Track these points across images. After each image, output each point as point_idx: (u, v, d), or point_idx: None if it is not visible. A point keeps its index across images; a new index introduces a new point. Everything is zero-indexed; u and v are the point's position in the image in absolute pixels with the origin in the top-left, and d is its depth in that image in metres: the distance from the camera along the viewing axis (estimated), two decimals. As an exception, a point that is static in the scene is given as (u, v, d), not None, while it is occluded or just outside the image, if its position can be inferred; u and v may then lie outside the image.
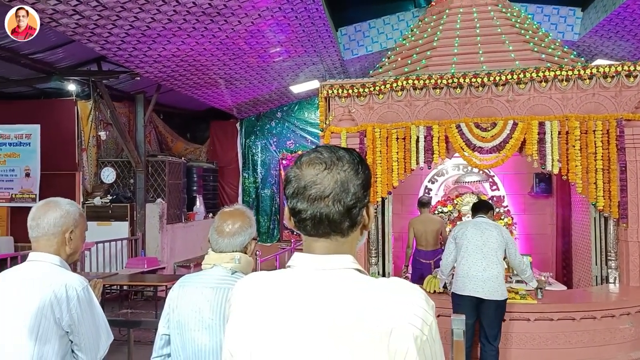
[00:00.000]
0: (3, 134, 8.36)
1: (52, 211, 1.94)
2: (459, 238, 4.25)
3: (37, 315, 1.80)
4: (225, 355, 1.06)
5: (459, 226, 4.40)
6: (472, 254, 4.12)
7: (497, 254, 4.12)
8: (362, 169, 1.04)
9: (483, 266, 4.06)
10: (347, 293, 0.97)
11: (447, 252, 4.35)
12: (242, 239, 1.89)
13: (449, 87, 5.01)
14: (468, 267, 4.10)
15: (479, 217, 4.36)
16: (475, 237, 4.16)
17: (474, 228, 4.23)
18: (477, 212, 4.45)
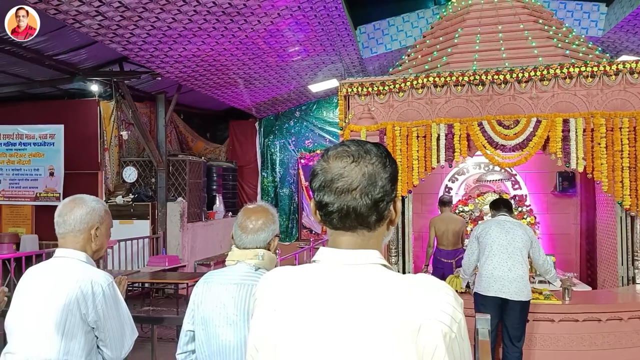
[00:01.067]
0: (28, 134, 8.54)
1: (78, 208, 1.97)
2: (483, 237, 4.18)
3: (63, 310, 1.82)
4: (251, 350, 1.06)
5: (482, 225, 4.33)
6: (497, 254, 4.05)
7: (522, 254, 4.05)
8: (389, 163, 1.03)
9: (508, 266, 3.99)
10: (374, 289, 0.96)
11: (469, 252, 4.29)
12: (265, 236, 1.89)
13: (470, 84, 4.95)
14: (493, 267, 4.04)
15: (502, 216, 4.29)
16: (500, 237, 4.09)
17: (498, 227, 4.15)
18: (499, 210, 4.38)
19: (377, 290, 0.95)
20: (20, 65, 6.92)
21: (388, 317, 0.92)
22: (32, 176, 8.54)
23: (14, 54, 6.45)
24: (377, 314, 0.93)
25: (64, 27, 5.88)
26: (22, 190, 8.58)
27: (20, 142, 8.57)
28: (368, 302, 0.94)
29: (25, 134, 8.54)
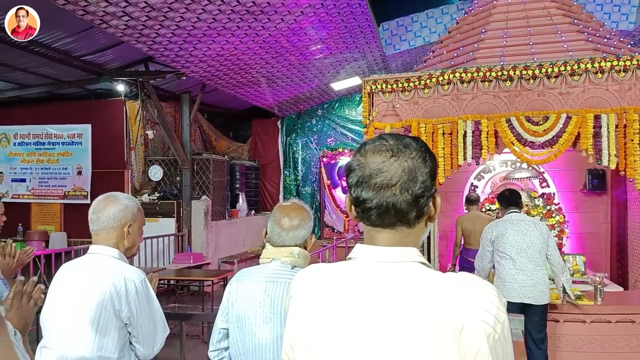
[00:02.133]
0: (57, 133, 8.72)
1: (112, 205, 1.99)
2: (499, 241, 4.05)
3: (97, 307, 1.84)
4: (286, 348, 1.04)
5: (495, 227, 4.16)
6: (518, 259, 3.92)
7: (542, 255, 3.93)
8: (429, 157, 1.01)
9: (530, 270, 3.89)
10: (414, 287, 0.93)
11: (482, 255, 4.16)
12: (304, 232, 1.89)
13: (498, 79, 4.85)
14: (515, 272, 3.92)
15: (514, 213, 4.16)
16: (518, 240, 3.96)
17: (514, 229, 4.01)
18: (510, 206, 4.23)
19: (416, 289, 0.93)
20: (49, 66, 7.07)
21: (428, 316, 0.89)
22: (60, 175, 8.72)
23: (44, 55, 6.59)
24: (416, 313, 0.90)
25: (91, 28, 5.98)
26: (51, 188, 8.77)
27: (49, 142, 8.76)
28: (407, 301, 0.92)
29: (54, 134, 8.73)
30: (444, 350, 0.87)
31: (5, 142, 8.96)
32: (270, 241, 1.91)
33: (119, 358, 1.85)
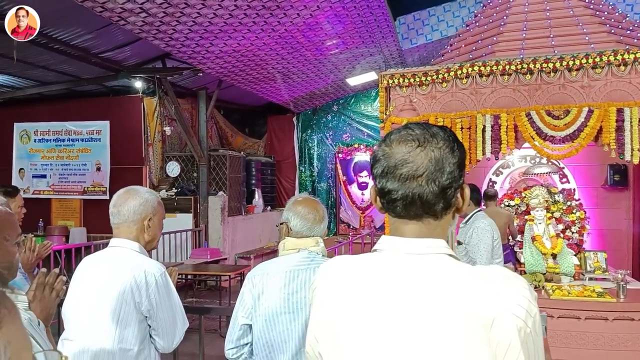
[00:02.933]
0: (76, 130, 8.84)
1: (132, 199, 2.00)
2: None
3: (118, 299, 1.86)
4: (310, 340, 1.03)
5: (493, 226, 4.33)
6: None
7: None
8: (457, 147, 0.97)
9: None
10: (442, 279, 0.90)
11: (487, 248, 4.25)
12: (324, 225, 1.94)
13: (517, 73, 4.78)
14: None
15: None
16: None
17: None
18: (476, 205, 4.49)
19: (445, 282, 0.90)
20: (68, 63, 7.16)
21: (457, 310, 0.87)
22: (80, 171, 8.84)
23: (63, 53, 6.67)
24: (445, 306, 0.87)
25: (109, 25, 6.03)
26: (71, 184, 8.90)
27: (69, 138, 8.88)
28: (435, 293, 0.89)
29: (74, 130, 8.85)
30: (474, 344, 0.85)
31: (26, 139, 9.11)
32: (296, 235, 1.90)
33: (139, 350, 1.87)
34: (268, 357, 1.82)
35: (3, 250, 1.31)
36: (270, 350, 1.80)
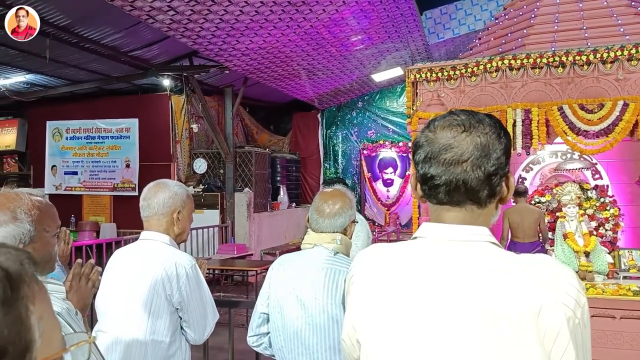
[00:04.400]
0: (106, 127, 9.02)
1: (162, 192, 2.02)
2: None
3: (150, 291, 1.88)
4: (348, 329, 1.01)
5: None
6: None
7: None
8: (504, 134, 0.94)
9: None
10: (487, 267, 0.88)
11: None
12: (342, 221, 1.84)
13: (549, 66, 4.66)
14: None
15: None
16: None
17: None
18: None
19: (489, 269, 0.87)
20: (98, 62, 7.31)
21: (503, 298, 0.84)
22: (110, 168, 9.02)
23: (93, 52, 6.81)
24: (490, 294, 0.85)
25: (138, 24, 6.13)
26: (101, 181, 9.10)
27: (99, 136, 9.07)
28: (479, 281, 0.87)
29: (104, 128, 9.04)
30: (521, 334, 0.82)
31: (59, 137, 9.34)
32: (312, 229, 1.89)
33: (170, 342, 1.89)
34: (281, 350, 1.82)
35: (43, 241, 1.33)
36: (284, 344, 1.80)
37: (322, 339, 1.73)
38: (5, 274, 0.49)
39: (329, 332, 1.72)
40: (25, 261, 0.52)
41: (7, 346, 0.46)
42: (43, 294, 0.54)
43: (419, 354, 0.88)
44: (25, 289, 0.51)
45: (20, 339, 0.48)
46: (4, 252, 0.52)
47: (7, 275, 0.49)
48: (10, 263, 0.50)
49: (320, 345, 1.73)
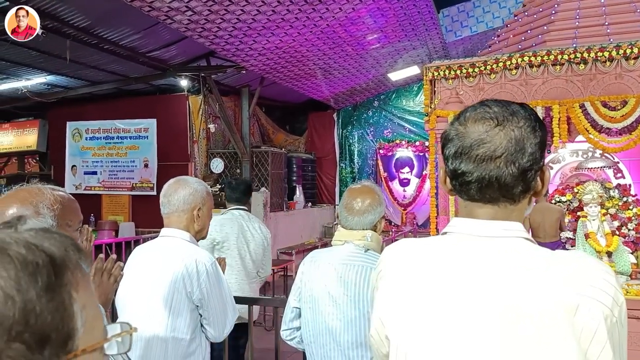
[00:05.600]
0: (125, 128, 9.13)
1: (182, 189, 2.02)
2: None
3: (170, 288, 1.88)
4: (376, 325, 1.00)
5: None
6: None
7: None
8: (539, 126, 0.90)
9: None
10: (521, 264, 0.85)
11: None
12: (372, 217, 1.83)
13: (570, 62, 4.58)
14: None
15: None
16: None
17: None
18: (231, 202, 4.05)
19: (523, 266, 0.85)
20: (117, 62, 7.40)
21: (538, 295, 0.82)
22: (128, 167, 9.12)
23: (112, 52, 6.90)
24: (524, 292, 0.83)
25: (156, 24, 6.18)
26: (120, 180, 9.20)
27: (118, 136, 9.18)
28: (513, 278, 0.84)
29: (122, 128, 9.14)
30: (557, 332, 0.80)
31: (78, 137, 9.48)
32: (340, 224, 1.88)
33: (191, 339, 1.89)
34: (311, 346, 1.82)
35: None
36: (314, 339, 1.79)
37: (353, 335, 1.73)
38: (50, 260, 0.48)
39: (360, 328, 1.71)
40: (70, 247, 0.52)
41: (50, 333, 0.46)
42: (86, 282, 0.53)
43: (446, 350, 0.87)
44: (69, 276, 0.50)
45: (63, 327, 0.47)
46: (49, 237, 0.51)
47: (52, 261, 0.48)
48: (54, 249, 0.50)
49: (352, 341, 1.73)
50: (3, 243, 0.47)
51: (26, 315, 0.44)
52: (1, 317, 0.43)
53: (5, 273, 0.45)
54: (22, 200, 1.27)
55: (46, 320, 0.46)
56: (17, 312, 0.44)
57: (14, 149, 10.19)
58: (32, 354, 0.44)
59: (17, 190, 1.32)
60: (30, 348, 0.44)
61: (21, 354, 0.43)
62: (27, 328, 0.44)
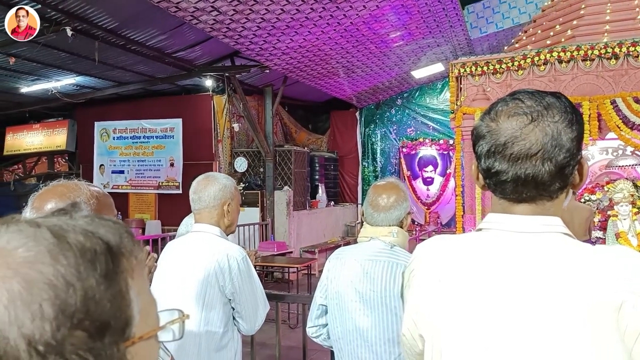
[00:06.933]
0: (151, 128, 9.28)
1: (212, 185, 2.05)
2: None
3: (203, 283, 1.91)
4: (409, 324, 0.98)
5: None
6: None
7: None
8: (575, 119, 0.87)
9: None
10: (560, 260, 0.83)
11: None
12: (398, 214, 1.82)
13: (601, 58, 4.49)
14: None
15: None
16: None
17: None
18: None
19: (564, 262, 0.83)
20: (144, 63, 7.52)
21: (580, 292, 0.79)
22: (155, 167, 9.27)
23: (139, 53, 7.01)
24: (566, 288, 0.80)
25: (181, 25, 6.27)
26: (147, 179, 9.36)
27: (145, 136, 9.34)
28: (553, 274, 0.82)
29: (149, 128, 9.29)
30: (600, 329, 0.78)
31: (106, 137, 9.67)
32: (366, 221, 1.88)
33: (223, 332, 1.92)
34: (339, 342, 1.82)
35: None
36: (342, 336, 1.79)
37: (381, 332, 1.72)
38: (107, 247, 0.48)
39: (387, 325, 1.71)
40: (124, 234, 0.52)
41: (109, 320, 0.46)
42: (140, 268, 0.53)
43: (487, 347, 0.85)
44: (125, 263, 0.50)
45: (121, 314, 0.47)
46: (104, 224, 0.51)
47: (108, 248, 0.48)
48: (110, 236, 0.50)
49: (379, 337, 1.72)
50: (61, 230, 0.47)
51: (86, 302, 0.44)
52: (64, 305, 0.43)
53: (65, 260, 0.45)
54: (60, 195, 1.30)
55: (105, 307, 0.45)
56: (79, 300, 0.44)
57: (44, 149, 10.46)
58: (93, 341, 0.44)
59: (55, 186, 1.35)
60: (91, 335, 0.44)
61: (83, 341, 0.43)
62: (88, 316, 0.44)
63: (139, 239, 6.85)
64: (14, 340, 0.41)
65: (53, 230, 0.47)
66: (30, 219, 0.49)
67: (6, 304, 0.42)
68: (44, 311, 0.42)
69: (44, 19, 5.68)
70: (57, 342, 0.42)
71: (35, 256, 0.44)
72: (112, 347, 0.46)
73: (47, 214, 0.53)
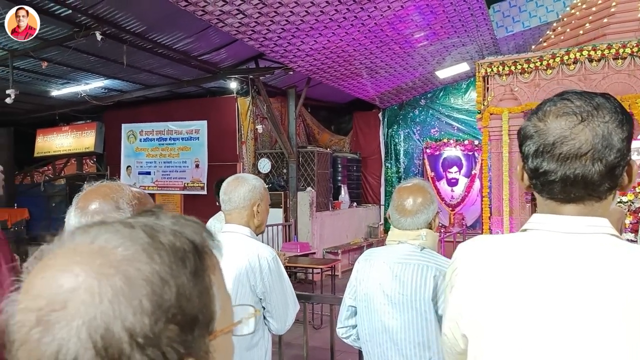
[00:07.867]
0: (177, 129, 9.42)
1: (241, 186, 2.07)
2: None
3: (234, 282, 1.93)
4: (451, 325, 0.98)
5: None
6: None
7: None
8: (626, 119, 0.86)
9: None
10: (611, 261, 0.82)
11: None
12: (425, 217, 1.79)
13: (633, 56, 4.39)
14: None
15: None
16: None
17: None
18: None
19: (613, 263, 0.82)
20: (170, 66, 7.65)
21: (616, 291, 0.79)
22: (180, 168, 9.41)
23: (166, 56, 7.14)
24: (604, 288, 0.80)
25: (207, 28, 6.35)
26: (172, 180, 9.51)
27: (170, 138, 9.49)
28: (596, 275, 0.81)
29: (175, 130, 9.44)
30: (635, 328, 0.77)
31: (133, 139, 9.86)
32: (392, 225, 1.87)
33: (254, 331, 1.94)
34: (367, 344, 1.82)
35: None
36: (370, 338, 1.79)
37: (410, 335, 1.72)
38: (194, 246, 0.51)
39: (417, 328, 1.70)
40: (204, 233, 0.55)
41: (198, 315, 0.49)
42: (219, 265, 0.56)
43: (535, 348, 0.84)
44: (208, 260, 0.53)
45: (207, 309, 0.50)
46: (187, 224, 0.54)
47: (194, 247, 0.51)
48: (195, 235, 0.53)
49: (409, 340, 1.72)
50: (153, 230, 0.50)
51: (179, 298, 0.47)
52: (161, 301, 0.46)
53: (160, 259, 0.48)
54: (103, 195, 1.34)
55: (195, 302, 0.49)
56: (173, 296, 0.47)
57: (73, 151, 10.72)
58: (185, 334, 0.47)
59: (99, 187, 1.39)
60: (182, 329, 0.47)
61: (176, 334, 0.46)
62: (180, 310, 0.47)
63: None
64: (117, 333, 0.44)
65: (146, 231, 0.50)
66: (123, 220, 0.52)
67: (111, 299, 0.45)
68: (144, 306, 0.45)
69: (74, 23, 5.84)
70: (154, 335, 0.45)
71: (133, 255, 0.47)
72: (199, 340, 0.49)
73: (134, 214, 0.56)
